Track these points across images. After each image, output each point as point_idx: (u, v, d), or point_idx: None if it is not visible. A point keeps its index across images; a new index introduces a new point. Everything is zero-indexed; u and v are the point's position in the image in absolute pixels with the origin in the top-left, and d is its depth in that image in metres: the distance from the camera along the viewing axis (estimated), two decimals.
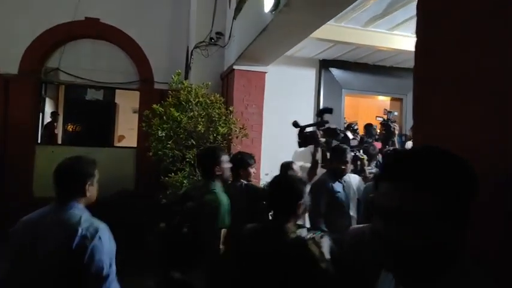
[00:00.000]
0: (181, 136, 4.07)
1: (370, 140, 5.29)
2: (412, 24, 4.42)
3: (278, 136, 5.18)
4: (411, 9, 4.00)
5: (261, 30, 3.54)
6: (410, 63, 5.18)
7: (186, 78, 6.69)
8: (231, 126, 4.20)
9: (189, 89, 4.20)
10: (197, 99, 4.12)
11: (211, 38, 5.40)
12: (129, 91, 8.13)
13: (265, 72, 4.89)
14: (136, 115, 8.97)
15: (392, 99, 6.67)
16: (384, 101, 7.10)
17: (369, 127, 5.46)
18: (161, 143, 4.14)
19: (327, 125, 3.63)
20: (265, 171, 5.04)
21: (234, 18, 4.68)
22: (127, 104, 9.00)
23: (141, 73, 7.47)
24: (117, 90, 8.44)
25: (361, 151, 4.43)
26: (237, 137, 4.35)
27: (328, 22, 3.54)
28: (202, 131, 4.03)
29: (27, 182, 6.59)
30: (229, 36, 4.95)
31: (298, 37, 3.73)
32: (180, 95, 4.11)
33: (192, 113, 4.02)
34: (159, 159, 4.37)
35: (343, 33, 4.46)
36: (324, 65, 5.99)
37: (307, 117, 5.97)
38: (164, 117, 3.99)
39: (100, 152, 7.16)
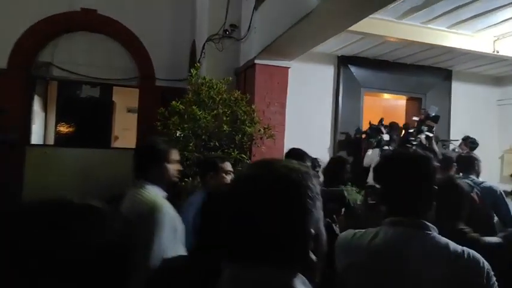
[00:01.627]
0: (203, 137, 3.65)
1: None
2: (452, 17, 4.15)
3: (298, 136, 4.81)
4: (453, 1, 3.71)
5: (299, 19, 3.16)
6: (433, 61, 4.87)
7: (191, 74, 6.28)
8: (256, 126, 3.81)
9: (210, 84, 3.78)
10: (220, 96, 3.71)
11: (225, 31, 4.99)
12: (123, 89, 7.63)
13: (288, 68, 4.51)
14: (131, 114, 8.49)
15: (410, 99, 6.39)
16: (387, 99, 6.79)
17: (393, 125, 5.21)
18: (179, 144, 3.71)
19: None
20: None
21: (255, 8, 4.29)
22: (121, 103, 8.48)
23: (141, 69, 6.99)
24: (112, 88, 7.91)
25: None
26: (261, 138, 3.96)
27: None
28: (227, 131, 3.62)
29: (17, 186, 6.01)
30: (248, 29, 4.55)
31: (339, 28, 3.38)
32: (202, 91, 3.68)
33: (215, 112, 3.60)
34: None
35: (374, 26, 4.12)
36: (343, 61, 5.65)
37: (325, 116, 5.65)
38: (185, 115, 3.56)
39: (96, 154, 6.65)
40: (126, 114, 8.94)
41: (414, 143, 3.79)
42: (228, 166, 2.34)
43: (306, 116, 5.32)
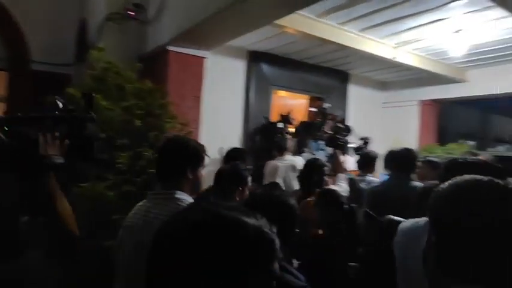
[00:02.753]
0: (108, 133, 3.00)
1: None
2: (365, 21, 4.30)
3: (210, 133, 4.46)
4: (372, 5, 3.83)
5: (230, 4, 2.81)
6: (336, 63, 5.13)
7: (80, 59, 5.33)
8: (174, 122, 3.32)
9: (117, 70, 3.14)
10: (129, 86, 3.10)
11: (127, 10, 4.30)
12: None
13: (205, 58, 4.10)
14: None
15: (312, 99, 6.59)
16: (283, 97, 6.89)
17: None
18: None
19: None
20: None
21: None
22: None
23: (11, 49, 5.67)
24: None
25: None
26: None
27: None
28: (139, 127, 3.05)
29: None
30: (159, 10, 3.97)
31: (270, 18, 3.15)
32: (107, 77, 3.02)
33: (125, 103, 2.99)
34: None
35: (293, 21, 4.02)
36: (254, 57, 5.49)
37: (236, 113, 5.41)
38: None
39: None
40: None
41: (341, 142, 3.86)
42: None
43: (217, 112, 5.00)
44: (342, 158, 4.34)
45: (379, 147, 7.19)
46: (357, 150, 4.82)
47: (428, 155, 5.74)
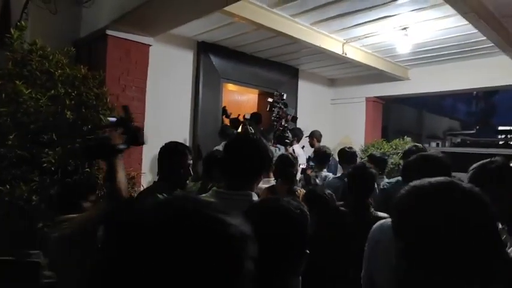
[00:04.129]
0: (31, 126, 2.59)
1: None
2: (318, 14, 4.21)
3: (156, 127, 4.13)
4: None
5: None
6: (286, 58, 5.01)
7: (3, 44, 4.71)
8: (112, 115, 2.97)
9: (44, 53, 2.72)
10: (59, 72, 2.71)
11: None
12: None
13: (150, 45, 3.76)
14: None
15: (262, 94, 6.46)
16: (231, 91, 6.71)
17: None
18: None
19: None
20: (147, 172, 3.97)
21: None
22: None
23: None
24: None
25: None
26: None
27: None
28: (71, 120, 2.67)
29: None
30: None
31: (219, 3, 2.89)
32: (32, 61, 2.60)
33: (53, 92, 2.59)
34: None
35: (244, 10, 3.81)
36: (203, 48, 5.21)
37: (185, 105, 5.11)
38: (3, 95, 2.43)
39: None
40: None
41: (288, 140, 3.75)
42: None
43: (164, 104, 4.67)
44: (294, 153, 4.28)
45: (330, 143, 7.31)
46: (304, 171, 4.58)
47: (376, 151, 5.87)
